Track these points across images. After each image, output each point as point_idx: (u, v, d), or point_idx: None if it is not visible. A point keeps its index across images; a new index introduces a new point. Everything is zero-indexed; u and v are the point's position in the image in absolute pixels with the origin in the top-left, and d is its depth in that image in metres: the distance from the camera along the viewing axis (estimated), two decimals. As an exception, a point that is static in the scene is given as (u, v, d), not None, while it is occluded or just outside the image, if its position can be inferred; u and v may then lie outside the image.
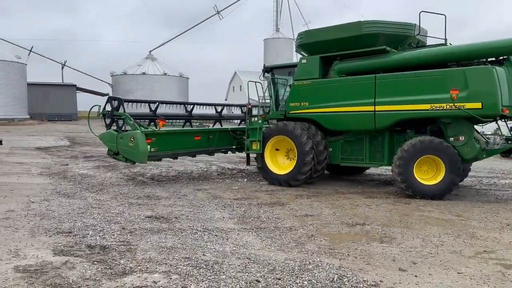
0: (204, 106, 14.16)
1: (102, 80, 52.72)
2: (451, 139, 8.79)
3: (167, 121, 12.36)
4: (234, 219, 6.97)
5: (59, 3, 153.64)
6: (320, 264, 4.90)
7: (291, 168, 10.25)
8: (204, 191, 9.36)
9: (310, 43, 10.46)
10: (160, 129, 10.36)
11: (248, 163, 11.99)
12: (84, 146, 19.67)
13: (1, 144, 14.96)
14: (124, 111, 10.50)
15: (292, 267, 4.78)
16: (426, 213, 7.64)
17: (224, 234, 6.05)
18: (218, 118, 14.22)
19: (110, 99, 10.80)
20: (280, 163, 10.72)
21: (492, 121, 9.33)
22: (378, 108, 9.27)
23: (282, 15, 44.84)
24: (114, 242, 5.51)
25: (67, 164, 13.24)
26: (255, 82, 11.07)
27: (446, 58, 9.09)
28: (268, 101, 11.51)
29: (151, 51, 51.12)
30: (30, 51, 46.01)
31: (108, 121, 10.59)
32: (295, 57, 36.33)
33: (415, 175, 8.82)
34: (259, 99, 11.32)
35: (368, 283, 4.39)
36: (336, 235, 6.20)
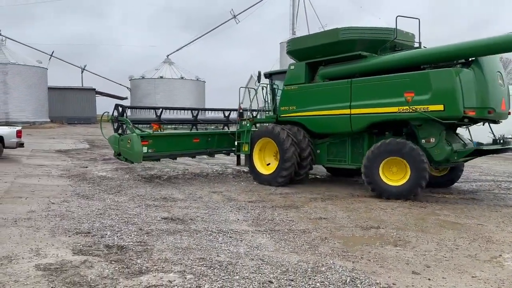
0: (213, 110, 15.04)
1: (120, 84, 53.51)
2: (423, 141, 8.92)
3: (175, 126, 13.50)
4: (249, 221, 7.05)
5: (85, 8, 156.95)
6: (333, 266, 4.93)
7: (275, 168, 10.77)
8: (219, 194, 9.46)
9: (296, 50, 11.06)
10: (154, 132, 11.20)
11: (238, 163, 12.51)
12: (103, 149, 20.01)
13: (23, 146, 15.34)
14: (126, 117, 11.33)
15: (305, 269, 4.82)
16: (442, 217, 7.59)
17: (238, 236, 6.12)
18: (225, 122, 14.44)
19: (116, 106, 11.59)
20: (272, 165, 11.15)
21: (466, 124, 9.55)
22: (353, 111, 9.68)
23: (299, 18, 44.77)
24: (131, 243, 5.64)
25: (87, 167, 13.51)
26: (247, 88, 11.72)
27: (419, 61, 9.26)
28: (260, 105, 12.16)
29: (168, 55, 51.72)
30: (51, 55, 46.99)
31: (115, 125, 11.50)
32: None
33: (381, 176, 9.08)
34: (250, 104, 11.97)
35: (381, 286, 4.41)
36: (350, 238, 6.22)
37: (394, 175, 9.09)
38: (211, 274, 4.58)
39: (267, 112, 12.13)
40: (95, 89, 49.60)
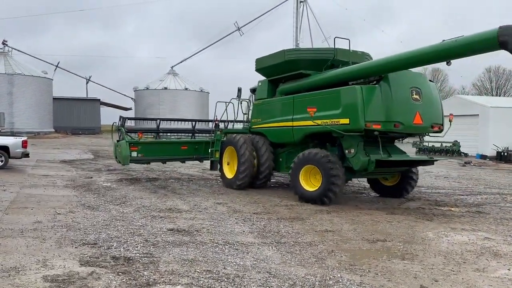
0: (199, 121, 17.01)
1: (125, 95, 53.84)
2: (346, 151, 9.64)
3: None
4: (254, 233, 7.03)
5: (98, 20, 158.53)
6: (340, 280, 4.91)
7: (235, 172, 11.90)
8: (224, 205, 9.45)
9: (260, 68, 12.26)
10: (140, 140, 13.19)
11: (211, 168, 13.71)
12: (107, 159, 20.07)
13: (28, 156, 15.41)
14: (124, 127, 13.27)
15: (312, 283, 4.80)
16: (448, 230, 7.55)
17: (245, 248, 6.11)
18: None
19: (120, 118, 13.53)
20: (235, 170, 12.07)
21: (403, 137, 10.66)
22: (294, 124, 10.73)
23: (302, 31, 45.04)
24: (138, 254, 5.63)
25: (91, 177, 13.54)
26: (225, 102, 13.14)
27: (344, 78, 9.97)
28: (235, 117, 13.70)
29: (173, 66, 52.03)
30: (57, 66, 47.40)
31: (119, 133, 13.39)
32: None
33: (300, 181, 10.01)
34: (227, 116, 13.41)
35: (389, 300, 4.38)
36: (357, 251, 6.20)
37: (318, 182, 9.79)
38: (218, 287, 4.56)
39: (245, 124, 13.38)
40: (99, 99, 49.89)
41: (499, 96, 60.63)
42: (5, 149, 14.51)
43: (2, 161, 14.53)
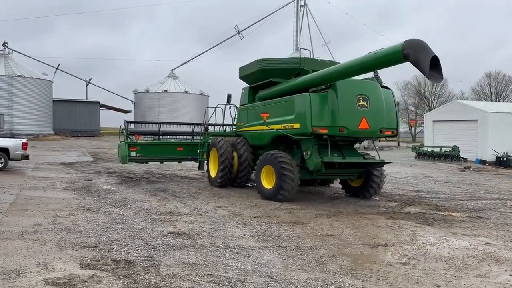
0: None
1: (124, 97, 53.80)
2: (304, 153, 10.31)
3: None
4: (255, 237, 7.01)
5: (104, 23, 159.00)
6: (342, 285, 4.89)
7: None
8: (225, 208, 9.43)
9: (241, 76, 13.20)
10: (138, 141, 14.61)
11: (199, 167, 14.82)
12: (107, 162, 20.05)
13: (28, 159, 15.39)
14: (127, 129, 14.62)
15: (314, 287, 4.78)
16: (450, 235, 7.54)
17: (245, 252, 6.09)
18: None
19: (125, 122, 14.79)
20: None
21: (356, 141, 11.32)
22: (264, 127, 11.39)
23: (303, 35, 45.14)
24: (138, 257, 5.61)
25: (91, 180, 13.52)
26: (214, 107, 14.15)
27: (304, 85, 10.59)
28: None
29: (173, 69, 52.03)
30: (57, 68, 47.39)
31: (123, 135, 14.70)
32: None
33: (261, 180, 10.89)
34: (215, 120, 14.44)
35: (391, 305, 4.37)
36: (358, 255, 6.18)
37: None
38: (219, 291, 4.55)
39: (233, 127, 14.28)
40: (99, 102, 49.87)
41: (498, 101, 60.77)
42: (5, 151, 14.49)
43: (2, 163, 14.51)
